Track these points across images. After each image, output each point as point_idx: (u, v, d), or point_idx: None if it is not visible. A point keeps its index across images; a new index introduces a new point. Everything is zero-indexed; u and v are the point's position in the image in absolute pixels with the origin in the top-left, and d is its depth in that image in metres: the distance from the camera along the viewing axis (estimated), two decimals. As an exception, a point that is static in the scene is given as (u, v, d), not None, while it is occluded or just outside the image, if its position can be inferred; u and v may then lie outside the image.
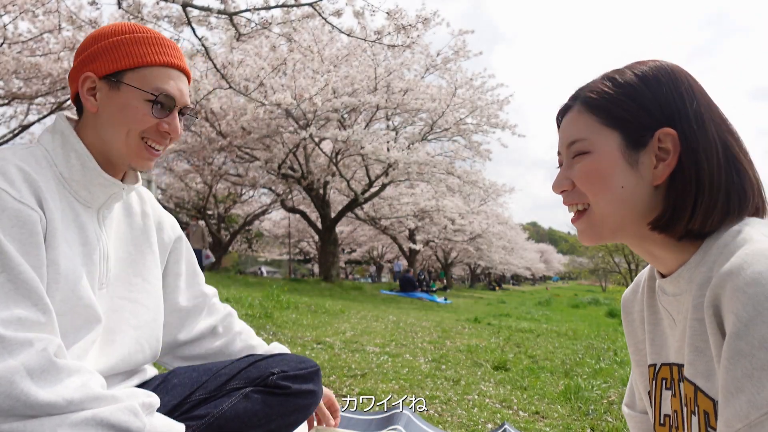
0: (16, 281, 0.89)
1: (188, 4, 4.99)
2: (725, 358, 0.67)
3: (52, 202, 1.00)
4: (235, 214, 23.02)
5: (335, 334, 4.57)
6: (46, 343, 0.87)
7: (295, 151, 13.09)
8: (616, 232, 0.84)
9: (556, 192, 0.89)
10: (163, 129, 1.10)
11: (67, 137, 1.08)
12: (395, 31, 5.61)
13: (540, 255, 52.99)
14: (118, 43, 1.09)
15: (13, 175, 0.95)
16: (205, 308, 1.39)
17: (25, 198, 0.95)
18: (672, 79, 0.81)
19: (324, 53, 11.19)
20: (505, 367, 3.54)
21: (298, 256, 35.91)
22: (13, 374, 0.82)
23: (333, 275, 14.81)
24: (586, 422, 2.36)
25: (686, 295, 0.81)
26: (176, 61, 1.12)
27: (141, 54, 1.08)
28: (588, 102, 0.85)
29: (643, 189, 0.80)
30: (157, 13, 5.30)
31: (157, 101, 1.08)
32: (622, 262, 32.46)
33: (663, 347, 0.90)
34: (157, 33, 1.13)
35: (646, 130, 0.80)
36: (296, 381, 1.25)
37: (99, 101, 1.08)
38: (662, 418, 0.90)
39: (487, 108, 13.04)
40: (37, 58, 8.23)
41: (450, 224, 19.69)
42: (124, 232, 1.20)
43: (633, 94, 0.81)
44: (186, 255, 1.38)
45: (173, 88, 1.10)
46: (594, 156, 0.82)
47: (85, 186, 1.07)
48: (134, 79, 1.07)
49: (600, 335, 6.03)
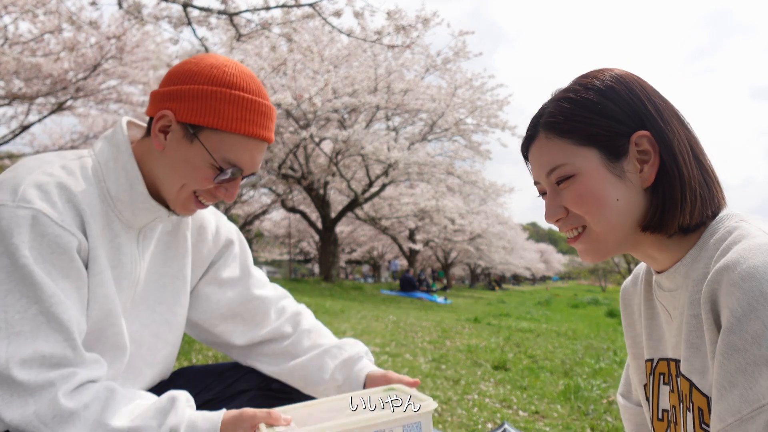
0: (47, 314, 0.87)
1: (189, 4, 4.99)
2: (719, 352, 0.67)
3: (95, 224, 0.96)
4: (235, 214, 23.02)
5: (335, 334, 4.55)
6: (64, 381, 0.87)
7: (295, 151, 13.09)
8: (619, 246, 0.84)
9: (550, 222, 0.88)
10: (220, 194, 1.04)
11: (121, 153, 1.01)
12: (395, 32, 5.61)
13: (540, 255, 52.91)
14: (209, 95, 0.99)
15: (54, 195, 0.91)
16: (271, 311, 1.28)
17: (66, 222, 0.91)
18: (625, 85, 0.82)
19: (324, 53, 11.19)
20: (505, 366, 3.54)
21: (298, 256, 35.89)
22: (28, 425, 0.84)
23: (333, 275, 14.81)
24: (585, 422, 2.36)
25: (682, 291, 0.81)
26: (262, 131, 1.02)
27: (228, 117, 0.98)
28: (554, 127, 0.84)
29: (635, 195, 0.81)
30: (157, 14, 5.31)
31: (222, 172, 1.01)
32: (621, 262, 32.45)
33: (660, 342, 0.91)
34: (257, 90, 1.03)
35: (621, 138, 0.81)
36: None
37: (168, 142, 1.00)
38: (660, 413, 0.90)
39: (486, 108, 13.05)
40: (37, 58, 8.23)
41: (450, 224, 19.66)
42: (160, 253, 1.13)
43: (597, 108, 0.81)
44: (238, 260, 1.27)
45: (245, 159, 1.02)
46: (580, 178, 0.82)
47: (129, 207, 1.02)
48: (210, 139, 0.99)
49: (599, 335, 6.03)
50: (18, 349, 0.85)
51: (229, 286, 1.25)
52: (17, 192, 0.89)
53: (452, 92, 12.22)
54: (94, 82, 9.91)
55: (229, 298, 1.24)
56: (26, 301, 0.86)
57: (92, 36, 8.29)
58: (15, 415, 0.84)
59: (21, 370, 0.84)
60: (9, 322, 0.85)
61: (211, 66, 1.01)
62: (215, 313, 1.23)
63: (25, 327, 0.86)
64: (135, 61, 9.52)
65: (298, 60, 8.46)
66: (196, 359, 3.09)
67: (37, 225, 0.88)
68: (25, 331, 0.86)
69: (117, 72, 9.62)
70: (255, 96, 1.02)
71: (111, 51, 8.85)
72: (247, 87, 1.01)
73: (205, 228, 1.23)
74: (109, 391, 0.91)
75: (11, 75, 8.75)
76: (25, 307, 0.86)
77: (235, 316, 1.25)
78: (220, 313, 1.23)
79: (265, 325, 1.27)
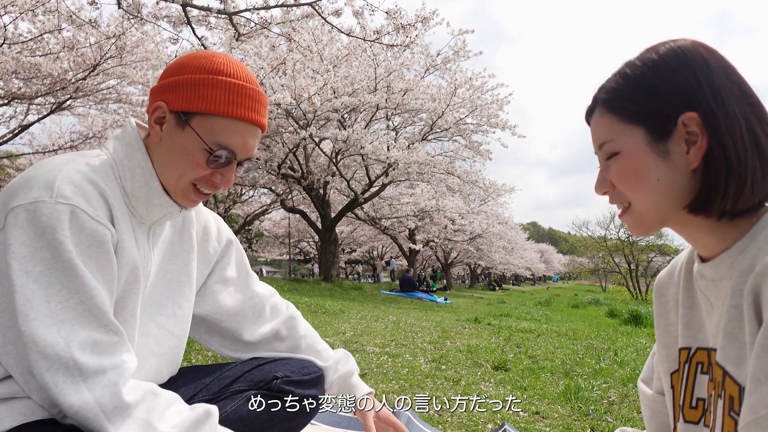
0: (89, 303, 0.92)
1: (188, 3, 4.98)
2: (759, 345, 0.67)
3: (122, 217, 1.01)
4: (235, 214, 23.01)
5: (335, 334, 4.57)
6: (118, 372, 0.92)
7: (295, 151, 13.08)
8: (662, 223, 0.85)
9: (598, 194, 0.89)
10: (216, 180, 1.06)
11: (135, 152, 1.05)
12: (394, 31, 5.61)
13: (540, 255, 52.98)
14: (198, 82, 1.02)
15: (89, 192, 0.95)
16: (266, 308, 1.37)
17: (100, 216, 0.96)
18: (684, 62, 0.79)
19: (324, 53, 11.19)
20: (505, 367, 3.53)
21: (298, 256, 35.92)
22: (88, 411, 0.88)
23: (333, 275, 14.81)
24: (586, 422, 2.35)
25: (726, 281, 0.80)
26: (252, 114, 1.05)
27: (215, 101, 1.02)
28: (605, 103, 0.85)
29: (680, 177, 0.80)
30: (156, 13, 5.30)
31: (215, 155, 1.03)
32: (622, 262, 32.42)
33: (700, 331, 0.90)
34: (245, 76, 1.06)
35: (667, 119, 0.79)
36: (299, 386, 1.25)
37: (164, 133, 1.04)
38: (694, 401, 0.90)
39: (486, 108, 13.04)
40: (37, 58, 8.22)
41: (450, 224, 19.69)
42: (166, 249, 1.17)
43: (647, 86, 0.80)
44: (236, 259, 1.35)
45: (237, 142, 1.04)
46: (624, 156, 0.82)
47: (144, 203, 1.05)
48: (201, 125, 1.02)
49: (600, 335, 6.02)
50: (70, 334, 0.89)
51: (232, 284, 1.33)
52: (53, 188, 0.92)
53: (452, 92, 12.21)
54: (94, 82, 9.90)
55: (233, 294, 1.32)
56: (67, 291, 0.90)
57: (91, 36, 8.28)
58: (74, 400, 0.87)
59: (81, 353, 0.88)
60: (53, 311, 0.89)
61: (201, 57, 1.06)
62: (222, 309, 1.31)
63: (69, 315, 0.90)
64: (134, 61, 9.50)
65: (297, 60, 8.45)
66: (196, 359, 3.08)
67: (76, 220, 0.92)
68: (69, 319, 0.89)
69: (116, 72, 9.60)
70: (243, 81, 1.05)
71: (110, 51, 8.84)
72: (234, 73, 1.05)
73: (208, 228, 1.29)
74: (153, 392, 0.97)
75: (10, 75, 8.74)
76: (66, 297, 0.90)
77: (238, 313, 1.33)
78: (227, 309, 1.32)
79: (265, 322, 1.36)
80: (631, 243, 24.97)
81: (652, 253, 25.13)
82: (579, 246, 38.84)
